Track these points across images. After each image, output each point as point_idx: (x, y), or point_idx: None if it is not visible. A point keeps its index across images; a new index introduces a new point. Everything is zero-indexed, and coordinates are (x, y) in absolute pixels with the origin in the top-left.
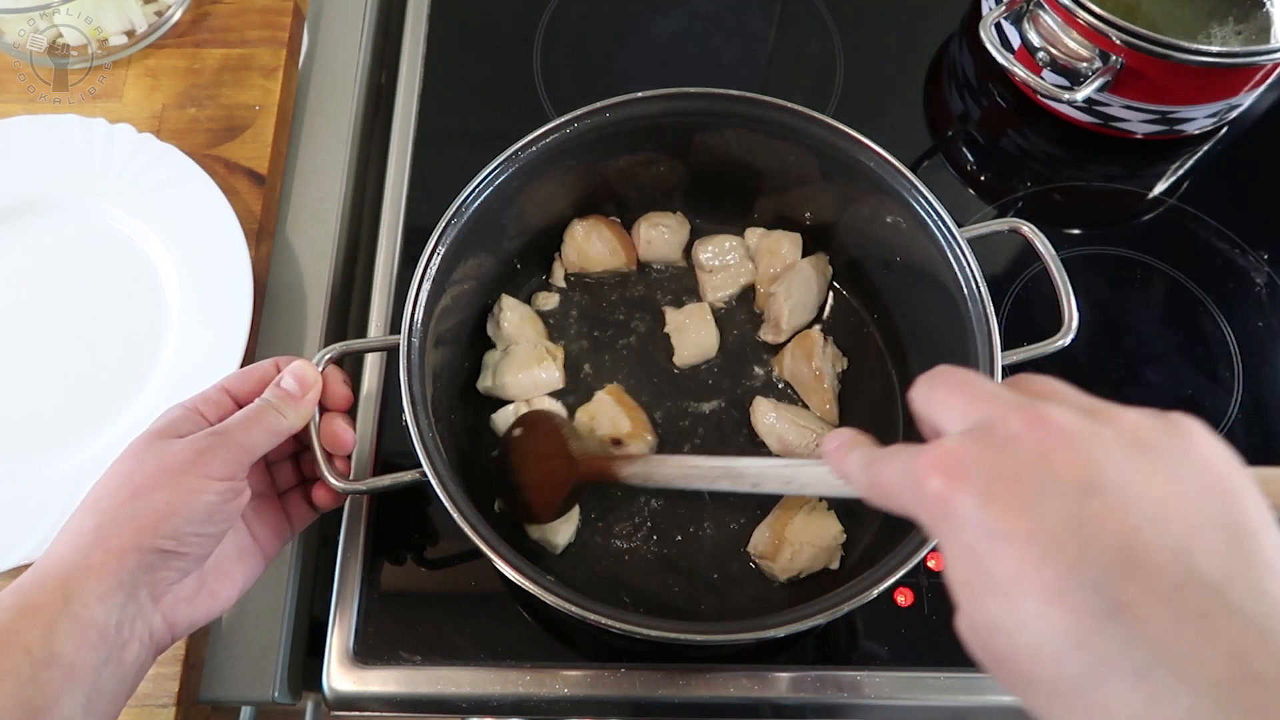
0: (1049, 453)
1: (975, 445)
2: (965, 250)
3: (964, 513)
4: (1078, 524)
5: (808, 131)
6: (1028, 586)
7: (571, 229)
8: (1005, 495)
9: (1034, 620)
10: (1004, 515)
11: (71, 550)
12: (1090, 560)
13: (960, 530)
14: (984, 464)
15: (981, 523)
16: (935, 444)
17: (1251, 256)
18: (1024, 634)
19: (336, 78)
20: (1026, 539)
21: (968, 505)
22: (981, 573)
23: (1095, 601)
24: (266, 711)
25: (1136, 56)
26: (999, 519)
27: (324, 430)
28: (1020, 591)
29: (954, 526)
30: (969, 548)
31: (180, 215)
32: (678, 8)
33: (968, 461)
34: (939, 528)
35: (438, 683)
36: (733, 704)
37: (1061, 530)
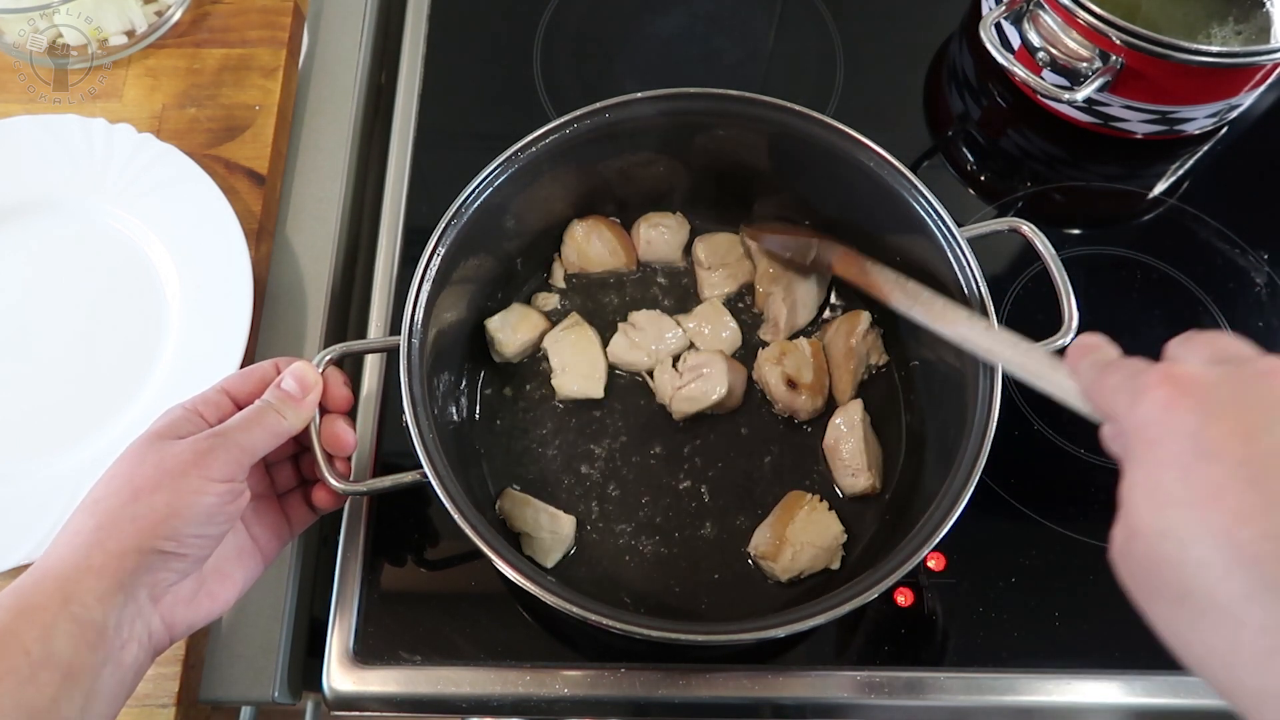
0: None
1: (1215, 374)
2: (965, 250)
3: (1181, 426)
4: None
5: (808, 131)
6: (1224, 504)
7: (571, 229)
8: (1231, 420)
9: (1217, 534)
10: (1224, 438)
11: (71, 551)
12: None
13: (1168, 443)
14: (1219, 391)
15: (1195, 438)
16: (1171, 363)
17: (1251, 256)
18: (1199, 545)
19: (336, 78)
20: (1238, 463)
21: (1188, 420)
22: (1176, 484)
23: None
24: (266, 711)
25: (1136, 56)
26: (1217, 440)
27: (325, 432)
28: (1213, 507)
29: (1161, 437)
30: (1171, 460)
31: (180, 215)
32: (678, 8)
33: (1202, 385)
34: (1143, 435)
35: (438, 683)
36: (733, 704)
37: (1277, 463)
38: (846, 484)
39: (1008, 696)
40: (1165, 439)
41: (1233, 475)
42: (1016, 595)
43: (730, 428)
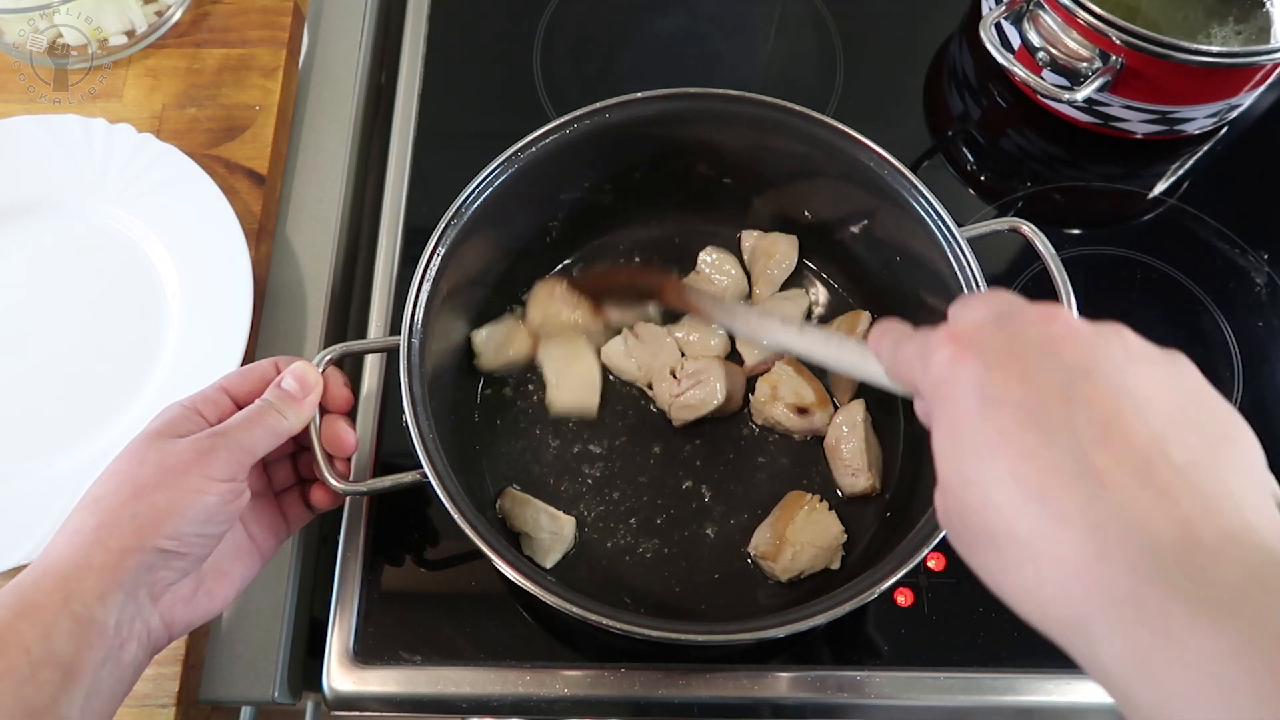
0: (1056, 340)
1: (990, 326)
2: (965, 250)
3: (965, 379)
4: (1068, 398)
5: (808, 131)
6: (1008, 446)
7: (535, 294)
8: (1007, 366)
9: (1006, 476)
10: (1003, 383)
11: (72, 549)
12: (1071, 429)
13: (958, 397)
14: (995, 341)
15: (979, 388)
16: (952, 322)
17: (1251, 256)
18: (994, 489)
19: (336, 78)
20: (1017, 405)
21: (970, 372)
22: (968, 435)
23: (1067, 464)
24: (266, 711)
25: (1136, 56)
26: (997, 386)
27: (326, 432)
28: (1000, 450)
29: (952, 392)
30: (962, 412)
31: (180, 215)
32: (678, 8)
33: (980, 337)
34: (939, 394)
35: (438, 683)
36: (733, 704)
37: (1052, 400)
38: (847, 484)
39: (1008, 696)
40: (954, 393)
41: (1013, 417)
42: None
43: (731, 428)
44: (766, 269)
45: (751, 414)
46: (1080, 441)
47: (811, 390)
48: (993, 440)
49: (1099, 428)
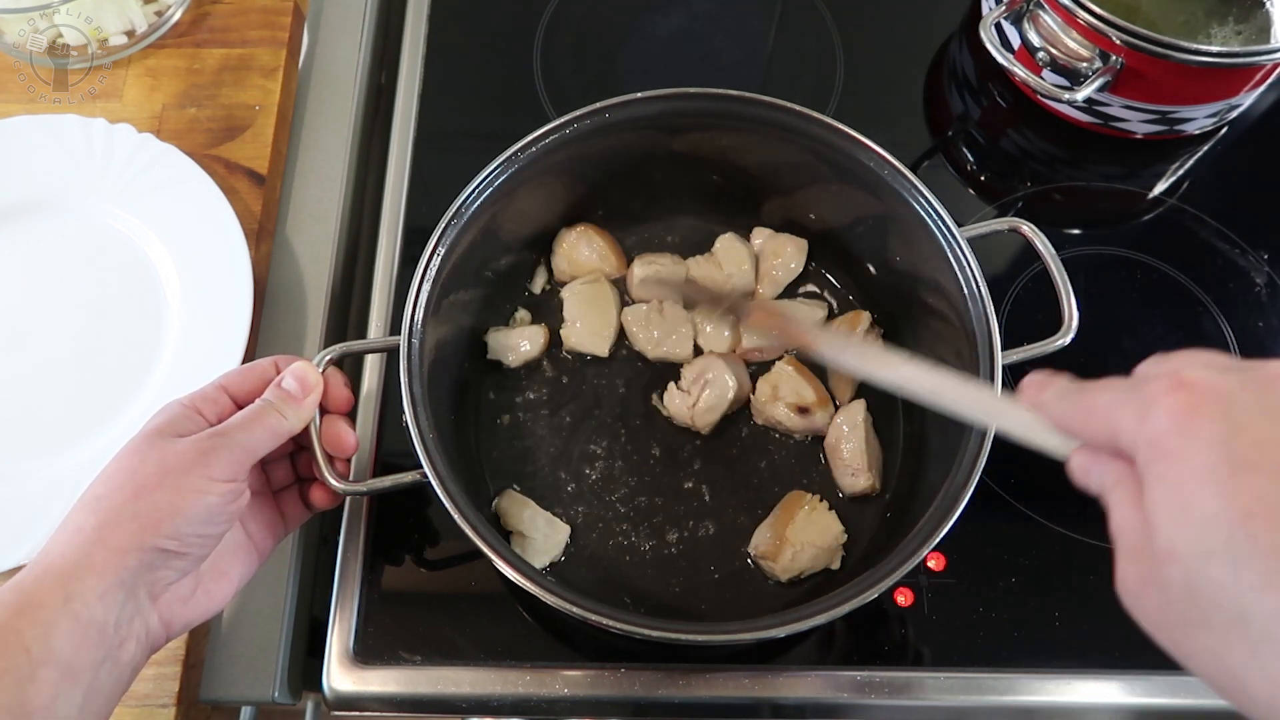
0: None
1: (1228, 377)
2: (965, 250)
3: (1205, 435)
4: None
5: (808, 131)
6: (1270, 520)
7: (560, 237)
8: (1260, 428)
9: (1268, 554)
10: (1257, 447)
11: (72, 548)
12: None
13: (1194, 452)
14: (1238, 396)
15: (1229, 446)
16: (1170, 370)
17: (1251, 256)
18: (1253, 565)
19: (336, 78)
20: (1277, 474)
21: (1213, 428)
22: (1215, 498)
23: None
24: (266, 711)
25: (1136, 56)
26: (1254, 447)
27: (327, 433)
28: (1258, 523)
29: (1186, 446)
30: (1201, 474)
31: (180, 215)
32: (678, 8)
33: (1222, 389)
34: (1161, 446)
35: (438, 683)
36: (733, 704)
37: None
38: (846, 483)
39: (1008, 696)
40: (1190, 451)
41: (1274, 487)
42: (1016, 595)
43: (731, 428)
44: (771, 269)
45: (752, 413)
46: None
47: (812, 390)
48: (1251, 509)
49: None
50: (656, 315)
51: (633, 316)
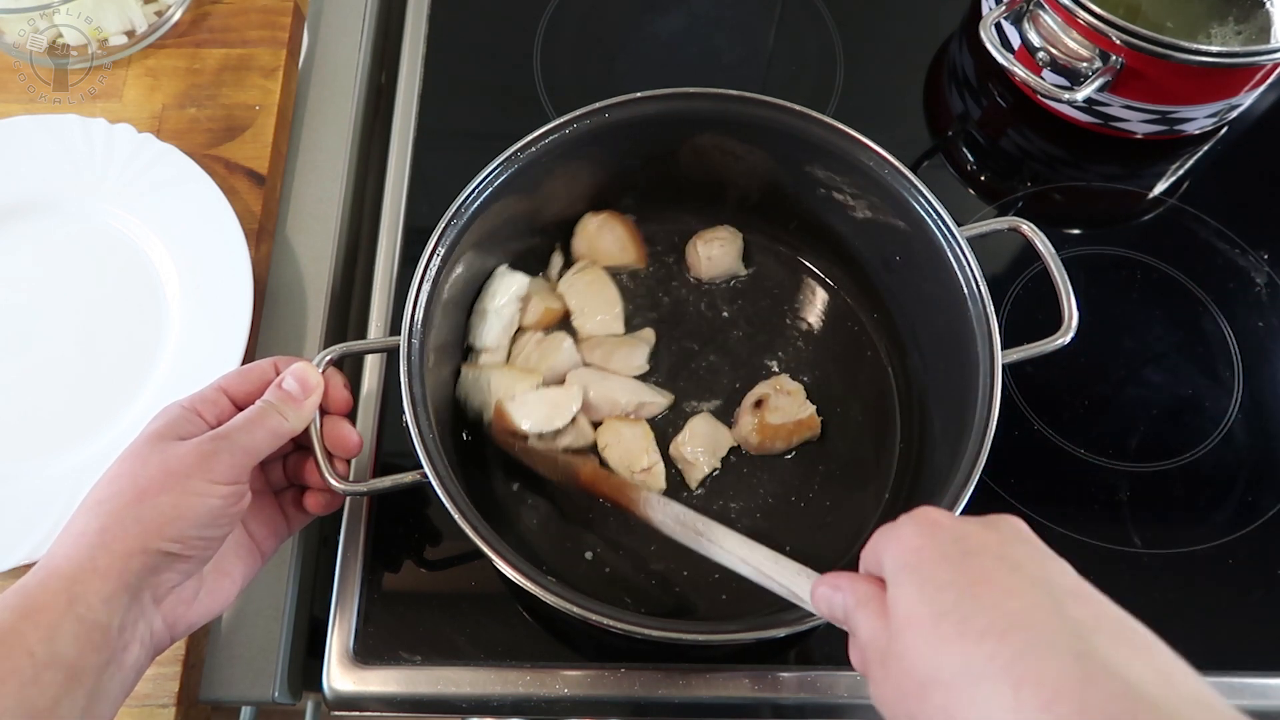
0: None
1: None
2: (965, 250)
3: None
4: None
5: (807, 131)
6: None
7: (584, 221)
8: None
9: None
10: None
11: (76, 551)
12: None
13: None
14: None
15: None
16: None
17: (1251, 256)
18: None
19: (336, 78)
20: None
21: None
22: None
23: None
24: (266, 711)
25: (1136, 56)
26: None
27: (329, 433)
28: (948, 619)
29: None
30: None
31: (180, 215)
32: (678, 8)
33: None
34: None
35: (438, 683)
36: (733, 704)
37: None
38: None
39: None
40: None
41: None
42: None
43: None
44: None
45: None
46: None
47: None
48: (947, 608)
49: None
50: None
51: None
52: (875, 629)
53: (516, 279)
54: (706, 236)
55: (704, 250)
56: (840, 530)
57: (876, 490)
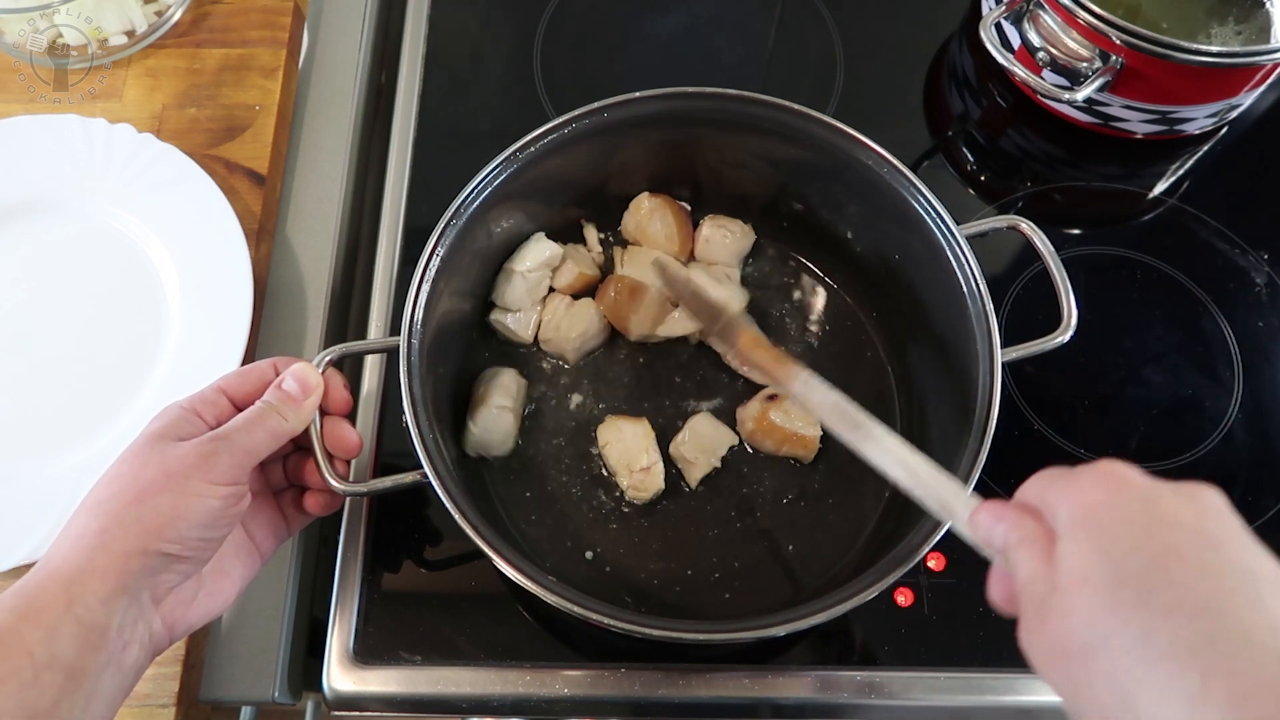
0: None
1: (1147, 480)
2: (965, 249)
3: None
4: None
5: (807, 131)
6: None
7: (638, 201)
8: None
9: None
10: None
11: (75, 553)
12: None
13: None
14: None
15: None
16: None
17: (1251, 256)
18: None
19: (336, 78)
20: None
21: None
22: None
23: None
24: (266, 711)
25: (1136, 56)
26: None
27: (330, 434)
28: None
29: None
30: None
31: (180, 215)
32: (678, 8)
33: (1140, 484)
34: (1089, 517)
35: (438, 683)
36: (733, 704)
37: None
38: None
39: (1008, 696)
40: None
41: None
42: None
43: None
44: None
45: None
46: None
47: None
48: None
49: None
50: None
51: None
52: (1037, 572)
53: (549, 247)
54: (719, 221)
55: (706, 231)
56: (840, 530)
57: (876, 490)
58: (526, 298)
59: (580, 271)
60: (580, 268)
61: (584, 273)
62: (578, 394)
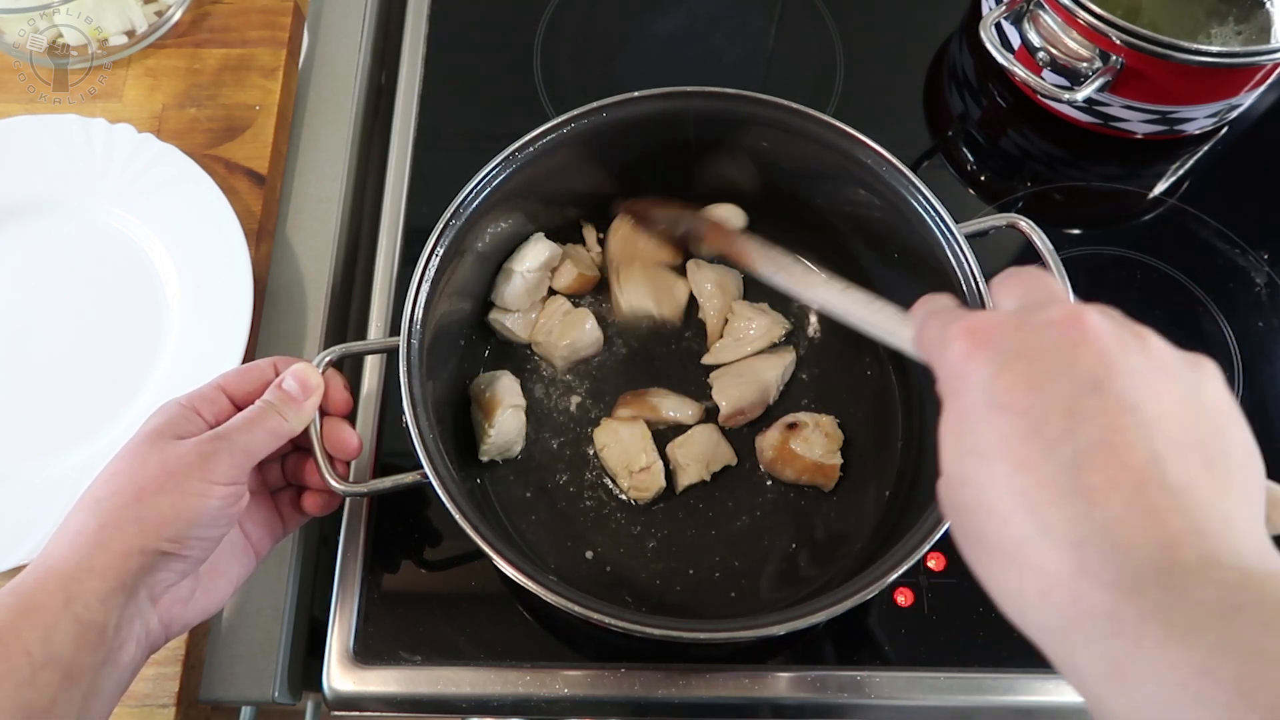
0: (1074, 345)
1: (1010, 322)
2: (965, 249)
3: (975, 378)
4: (1073, 411)
5: (808, 131)
6: (1007, 453)
7: (616, 225)
8: (1018, 370)
9: (1002, 482)
10: (1011, 389)
11: (73, 550)
12: (1072, 443)
13: (966, 393)
14: (1012, 340)
15: (988, 390)
16: (976, 313)
17: (1251, 256)
18: (988, 493)
19: (336, 78)
20: (1021, 412)
21: (981, 372)
22: (971, 434)
23: (1061, 479)
24: (266, 711)
25: (1136, 56)
26: (1005, 391)
27: (330, 435)
28: (999, 456)
29: (962, 388)
30: (968, 410)
31: (180, 215)
32: (678, 8)
33: (997, 334)
34: (948, 386)
35: (438, 683)
36: (733, 704)
37: (1056, 412)
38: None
39: (1008, 696)
40: (963, 389)
41: (1015, 424)
42: None
43: (732, 433)
44: (711, 305)
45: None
46: (1077, 457)
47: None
48: (993, 444)
49: (1098, 445)
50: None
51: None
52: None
53: (549, 247)
54: (711, 208)
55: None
56: (840, 530)
57: (877, 490)
58: (526, 298)
59: (580, 272)
60: (579, 268)
61: (583, 273)
62: (576, 395)
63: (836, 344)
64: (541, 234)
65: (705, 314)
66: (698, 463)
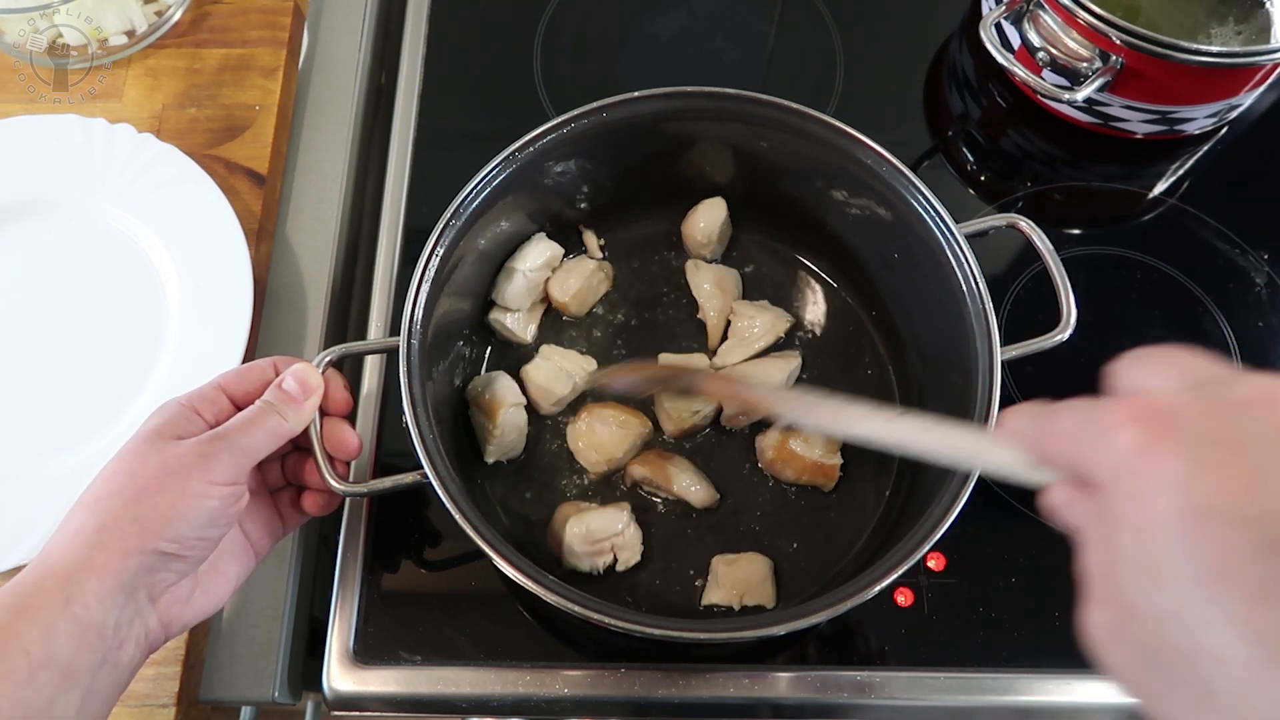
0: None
1: (1194, 401)
2: (964, 248)
3: (1163, 476)
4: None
5: (807, 131)
6: (1237, 580)
7: (577, 421)
8: (1226, 466)
9: (1234, 622)
10: (1221, 489)
11: (72, 550)
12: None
13: (1152, 495)
14: (1203, 425)
15: (1186, 492)
16: (1135, 393)
17: (1251, 256)
18: (1211, 634)
19: (336, 78)
20: (1245, 523)
21: (1171, 469)
22: (1173, 554)
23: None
24: (266, 711)
25: (1136, 56)
26: (1214, 493)
27: (330, 435)
28: (1224, 586)
29: (1142, 491)
30: (1156, 519)
31: (180, 215)
32: (678, 8)
33: (1181, 417)
34: (1118, 487)
35: (438, 683)
36: (733, 704)
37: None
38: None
39: (1008, 696)
40: (1147, 493)
41: (1242, 540)
42: (1016, 595)
43: (732, 442)
44: (711, 308)
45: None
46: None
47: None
48: (1212, 568)
49: None
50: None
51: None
52: (1103, 563)
53: (550, 247)
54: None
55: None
56: (840, 530)
57: (877, 490)
58: (526, 297)
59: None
60: (580, 279)
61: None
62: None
63: (836, 344)
64: (542, 234)
65: (705, 315)
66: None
